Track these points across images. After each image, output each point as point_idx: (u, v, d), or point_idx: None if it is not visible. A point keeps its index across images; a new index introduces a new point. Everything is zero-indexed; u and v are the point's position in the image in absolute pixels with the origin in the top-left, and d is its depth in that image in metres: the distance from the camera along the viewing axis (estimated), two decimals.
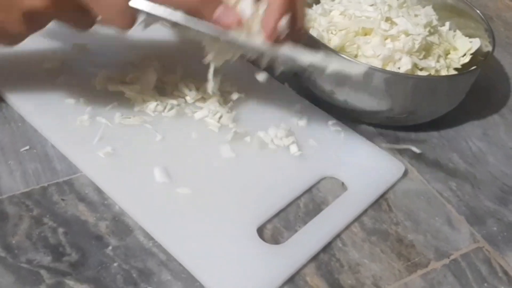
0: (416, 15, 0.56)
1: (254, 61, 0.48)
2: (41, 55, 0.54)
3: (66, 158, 0.47)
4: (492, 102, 0.64)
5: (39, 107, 0.50)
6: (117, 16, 0.42)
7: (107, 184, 0.45)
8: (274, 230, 0.45)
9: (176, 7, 0.43)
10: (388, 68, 0.53)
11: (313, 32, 0.55)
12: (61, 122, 0.49)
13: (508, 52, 0.71)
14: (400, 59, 0.53)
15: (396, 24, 0.54)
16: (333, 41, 0.55)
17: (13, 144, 0.48)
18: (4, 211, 0.43)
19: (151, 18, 0.43)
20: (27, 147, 0.47)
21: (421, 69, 0.55)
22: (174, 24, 0.43)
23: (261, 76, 0.48)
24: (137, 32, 0.45)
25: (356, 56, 0.54)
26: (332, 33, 0.55)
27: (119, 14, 0.42)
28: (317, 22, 0.57)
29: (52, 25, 0.45)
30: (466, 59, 0.58)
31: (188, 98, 0.53)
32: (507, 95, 0.65)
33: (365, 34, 0.55)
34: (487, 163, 0.55)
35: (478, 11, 0.59)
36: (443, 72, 0.56)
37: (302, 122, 0.54)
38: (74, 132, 0.48)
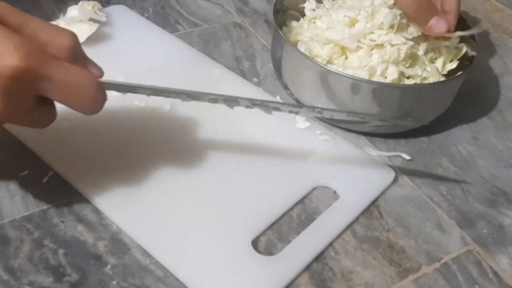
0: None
1: None
2: None
3: (65, 181, 0.49)
4: (481, 105, 0.64)
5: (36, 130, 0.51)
6: (88, 104, 0.41)
7: (104, 204, 0.47)
8: (268, 242, 0.47)
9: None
10: (374, 78, 0.54)
11: (300, 47, 0.56)
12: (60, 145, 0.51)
13: (497, 54, 0.72)
14: (386, 68, 0.55)
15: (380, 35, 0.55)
16: (321, 54, 0.56)
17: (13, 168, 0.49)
18: (6, 235, 0.44)
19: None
20: (26, 172, 0.49)
21: (408, 77, 0.56)
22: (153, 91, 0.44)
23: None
24: None
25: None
26: (319, 46, 0.56)
27: (90, 102, 0.41)
28: (304, 35, 0.58)
29: None
30: (453, 65, 0.59)
31: None
32: (496, 97, 0.66)
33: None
34: (477, 166, 0.56)
35: (462, 16, 0.60)
36: (430, 79, 0.57)
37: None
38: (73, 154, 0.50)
